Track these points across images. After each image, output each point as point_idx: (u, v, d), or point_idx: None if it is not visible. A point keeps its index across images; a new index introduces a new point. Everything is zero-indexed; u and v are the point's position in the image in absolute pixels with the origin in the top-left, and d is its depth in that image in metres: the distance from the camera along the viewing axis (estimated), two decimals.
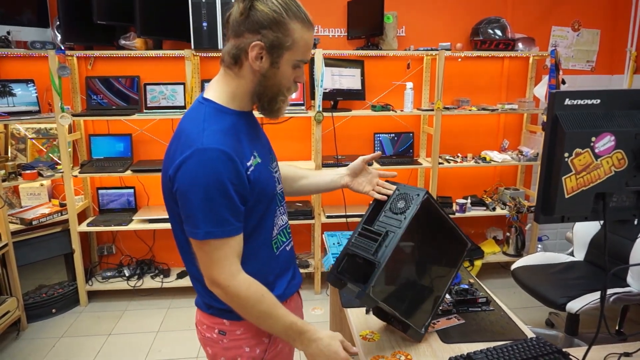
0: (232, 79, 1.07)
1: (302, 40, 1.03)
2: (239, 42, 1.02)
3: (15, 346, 2.64)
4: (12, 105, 2.87)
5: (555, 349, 1.34)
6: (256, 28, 0.99)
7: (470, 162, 3.29)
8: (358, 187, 1.41)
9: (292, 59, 1.04)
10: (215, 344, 1.16)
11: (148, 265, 3.31)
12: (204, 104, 1.06)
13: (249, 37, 1.00)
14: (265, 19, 0.98)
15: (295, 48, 1.03)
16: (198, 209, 0.97)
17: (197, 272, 1.11)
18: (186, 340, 2.70)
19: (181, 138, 1.01)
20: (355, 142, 3.39)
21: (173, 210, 1.07)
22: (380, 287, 1.21)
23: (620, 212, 1.04)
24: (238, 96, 1.07)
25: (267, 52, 1.01)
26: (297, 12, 1.02)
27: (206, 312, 1.16)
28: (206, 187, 0.96)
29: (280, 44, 1.01)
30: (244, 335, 1.14)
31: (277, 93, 1.08)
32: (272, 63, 1.03)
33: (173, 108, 3.08)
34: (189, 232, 1.01)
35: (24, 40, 2.85)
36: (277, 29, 0.99)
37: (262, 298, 1.05)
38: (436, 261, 1.42)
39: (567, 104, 0.97)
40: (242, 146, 1.04)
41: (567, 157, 0.97)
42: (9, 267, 2.68)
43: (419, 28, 3.28)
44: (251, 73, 1.04)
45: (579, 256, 2.61)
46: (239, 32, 1.02)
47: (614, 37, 3.49)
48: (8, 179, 2.77)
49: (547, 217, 1.02)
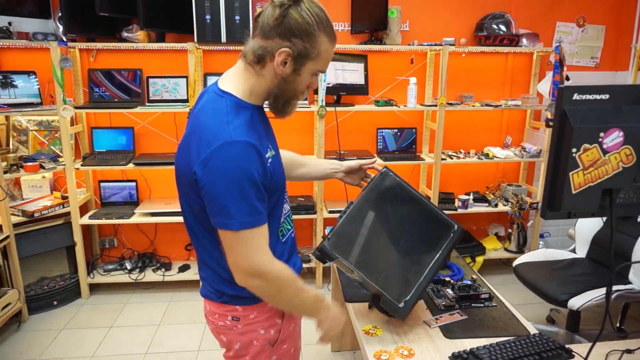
0: (252, 76, 1.09)
1: (326, 53, 1.08)
2: (267, 44, 1.05)
3: (17, 338, 2.64)
4: (13, 96, 2.86)
5: (557, 345, 1.34)
6: (287, 35, 1.03)
7: (473, 158, 3.28)
8: (349, 181, 1.61)
9: (313, 69, 1.09)
10: (229, 331, 1.20)
11: (150, 259, 3.31)
12: (223, 97, 1.08)
13: (278, 42, 1.04)
14: (297, 28, 1.02)
15: (318, 59, 1.08)
16: (231, 200, 1.00)
17: (212, 261, 1.17)
18: (188, 333, 2.70)
19: (203, 131, 1.03)
20: (358, 137, 3.38)
21: (192, 202, 1.10)
22: (341, 245, 1.35)
23: (627, 208, 1.03)
24: (255, 92, 1.11)
25: (292, 59, 1.05)
26: (327, 26, 1.06)
27: (217, 301, 1.19)
28: (238, 179, 0.99)
29: (307, 54, 1.05)
30: (258, 318, 1.19)
31: (292, 97, 1.13)
32: (294, 70, 1.07)
33: (175, 101, 3.07)
34: (221, 223, 1.03)
35: (25, 31, 2.84)
36: (307, 40, 1.04)
37: (295, 278, 1.12)
38: (411, 237, 1.47)
39: (575, 99, 0.97)
40: (261, 139, 1.08)
41: (574, 153, 0.96)
42: (11, 259, 2.68)
43: (423, 23, 3.26)
44: (272, 75, 1.08)
45: (581, 253, 2.60)
46: (269, 35, 1.04)
47: (618, 34, 3.47)
48: (10, 170, 2.77)
49: (553, 213, 1.02)
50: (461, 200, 3.26)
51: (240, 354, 1.22)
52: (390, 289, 1.38)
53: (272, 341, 1.21)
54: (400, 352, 1.35)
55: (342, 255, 1.33)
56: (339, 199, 3.34)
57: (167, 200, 3.24)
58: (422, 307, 1.60)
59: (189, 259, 3.47)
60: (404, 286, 1.40)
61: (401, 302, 1.38)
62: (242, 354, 1.21)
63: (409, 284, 1.41)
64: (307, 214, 3.14)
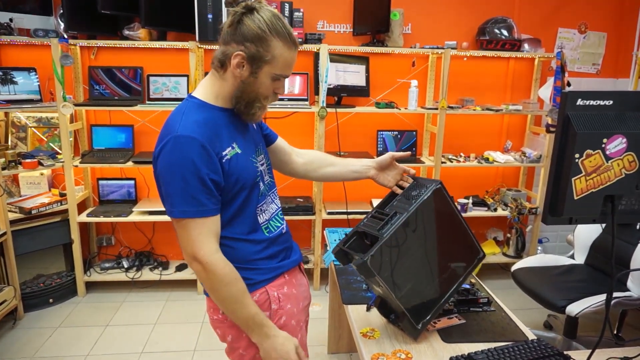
0: (216, 80, 1.19)
1: (281, 57, 1.14)
2: (226, 49, 1.14)
3: (12, 335, 2.63)
4: (13, 93, 2.85)
5: (556, 351, 1.34)
6: (241, 40, 1.11)
7: (472, 162, 3.27)
8: (383, 180, 1.50)
9: (270, 72, 1.15)
10: (221, 324, 1.27)
11: (147, 257, 3.30)
12: (188, 101, 1.19)
13: (234, 46, 1.12)
14: (249, 34, 1.10)
15: (274, 63, 1.13)
16: (173, 189, 1.09)
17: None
18: (184, 332, 2.69)
19: (163, 129, 1.14)
20: (358, 139, 3.38)
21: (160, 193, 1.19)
22: (380, 261, 1.26)
23: (629, 215, 1.03)
24: (221, 95, 1.19)
25: (247, 62, 1.12)
26: (281, 32, 1.12)
27: (208, 296, 1.26)
28: (180, 170, 1.07)
29: (260, 57, 1.12)
30: None
31: (254, 99, 1.18)
32: (251, 73, 1.14)
33: (176, 100, 3.06)
34: (168, 211, 1.13)
35: (26, 28, 2.83)
36: (259, 44, 1.11)
37: (235, 281, 1.15)
38: (444, 258, 1.41)
39: (579, 104, 0.96)
40: (219, 137, 1.14)
41: (577, 158, 0.95)
42: (7, 256, 2.67)
43: (425, 26, 3.26)
44: (232, 78, 1.16)
45: (580, 259, 2.60)
46: (226, 41, 1.14)
47: (620, 41, 3.48)
48: (8, 167, 2.75)
49: (555, 218, 1.01)
50: (460, 204, 3.26)
51: (234, 347, 1.27)
52: (413, 309, 1.35)
53: None
54: (397, 356, 1.34)
55: (378, 272, 1.26)
56: (338, 200, 3.33)
57: None
58: None
59: None
60: (425, 307, 1.37)
61: (419, 324, 1.36)
62: (236, 345, 1.27)
63: (430, 305, 1.38)
64: (305, 215, 3.13)
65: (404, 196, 1.41)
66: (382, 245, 1.26)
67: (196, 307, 2.98)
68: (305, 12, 3.01)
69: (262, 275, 1.25)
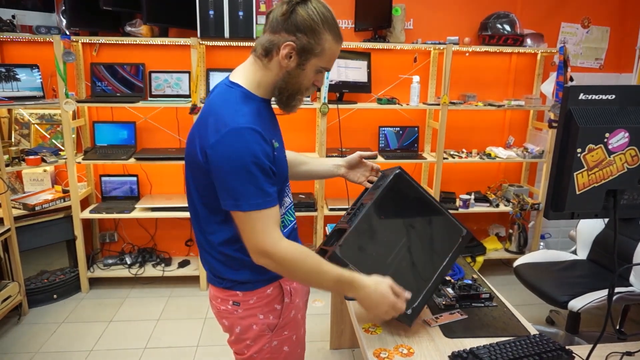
0: (259, 69, 1.15)
1: (330, 50, 1.13)
2: (275, 38, 1.11)
3: (17, 331, 2.65)
4: (16, 90, 2.85)
5: (558, 346, 1.34)
6: (293, 30, 1.09)
7: (475, 157, 3.27)
8: (353, 177, 1.58)
9: (317, 65, 1.14)
10: (230, 315, 1.25)
11: (150, 254, 3.31)
12: (232, 88, 1.15)
13: (284, 36, 1.10)
14: (302, 24, 1.08)
15: (322, 56, 1.13)
16: (239, 183, 1.05)
17: (209, 246, 1.21)
18: (187, 328, 2.70)
19: (211, 118, 1.09)
20: (360, 135, 3.38)
21: (198, 183, 1.15)
22: (352, 250, 1.31)
23: (631, 209, 1.02)
24: (262, 85, 1.16)
25: (296, 53, 1.11)
26: (332, 26, 1.12)
27: (219, 287, 1.24)
28: (245, 163, 1.04)
29: (311, 49, 1.11)
30: (257, 303, 1.23)
31: (296, 91, 1.17)
32: (298, 64, 1.12)
33: (178, 96, 3.07)
34: (231, 205, 1.08)
35: (29, 24, 2.84)
36: (311, 36, 1.09)
37: (307, 257, 1.13)
38: (420, 241, 1.44)
39: (581, 99, 0.96)
40: (268, 129, 1.13)
41: (579, 153, 0.95)
42: (11, 252, 2.69)
43: (427, 21, 3.25)
44: (278, 68, 1.14)
45: (582, 255, 2.60)
46: (276, 29, 1.11)
47: (623, 35, 3.46)
48: (11, 164, 2.77)
49: (557, 213, 1.01)
50: (462, 199, 3.26)
51: (241, 338, 1.26)
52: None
53: (272, 326, 1.26)
54: (399, 351, 1.34)
55: (352, 262, 1.30)
56: (340, 197, 3.33)
57: (168, 196, 3.23)
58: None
59: (189, 254, 3.47)
60: (412, 293, 1.38)
61: (409, 309, 1.37)
62: (243, 337, 1.26)
63: (417, 290, 1.39)
64: (307, 211, 3.14)
65: (372, 188, 1.48)
66: (349, 234, 1.30)
67: (199, 303, 3.00)
68: None
69: None
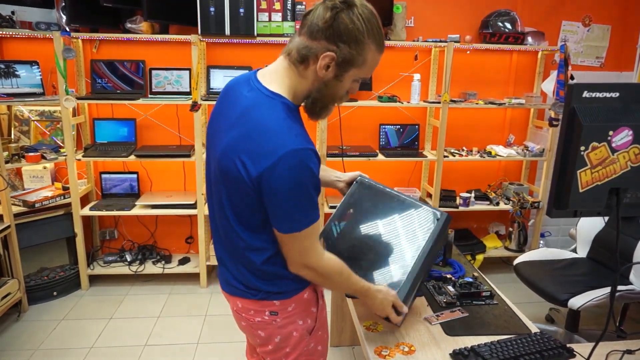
0: (295, 76, 1.08)
1: (372, 61, 1.06)
2: (313, 45, 1.03)
3: (16, 328, 2.65)
4: (16, 86, 2.84)
5: (559, 344, 1.34)
6: (334, 39, 1.00)
7: (475, 156, 3.27)
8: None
9: (356, 75, 1.07)
10: (268, 325, 1.20)
11: (150, 251, 3.31)
12: (274, 100, 1.05)
13: (324, 44, 1.01)
14: (346, 34, 0.99)
15: (363, 67, 1.05)
16: (298, 206, 1.03)
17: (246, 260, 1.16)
18: (187, 326, 2.70)
19: (260, 135, 1.00)
20: (360, 132, 3.37)
21: (236, 199, 1.09)
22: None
23: (633, 208, 1.02)
24: (297, 93, 1.10)
25: (336, 64, 1.03)
26: (377, 35, 1.03)
27: (252, 298, 1.19)
28: (305, 186, 1.01)
29: (352, 61, 1.03)
30: (296, 310, 1.21)
31: (330, 102, 1.12)
32: (336, 75, 1.05)
33: (178, 94, 3.06)
34: (286, 228, 1.06)
35: (28, 20, 2.82)
36: (354, 46, 1.01)
37: (342, 269, 1.19)
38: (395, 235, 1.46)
39: (585, 97, 0.96)
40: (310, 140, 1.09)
41: (583, 151, 0.95)
42: (11, 249, 2.68)
43: (428, 19, 3.24)
44: (313, 77, 1.07)
45: (582, 253, 2.60)
46: (316, 36, 1.02)
47: (624, 34, 3.46)
48: (11, 160, 2.76)
49: (560, 211, 1.01)
50: (463, 198, 3.26)
51: (281, 346, 1.23)
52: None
53: (310, 329, 1.25)
54: (400, 349, 1.34)
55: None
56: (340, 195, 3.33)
57: (168, 193, 3.23)
58: (423, 303, 1.60)
59: (189, 252, 3.46)
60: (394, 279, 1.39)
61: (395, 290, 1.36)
62: (283, 345, 1.23)
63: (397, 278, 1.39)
64: None
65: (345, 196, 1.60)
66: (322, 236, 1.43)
67: (199, 301, 3.00)
68: (307, 5, 2.99)
69: None
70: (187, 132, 3.23)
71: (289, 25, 2.92)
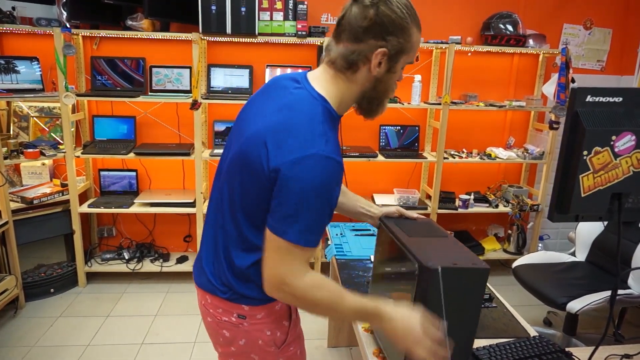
0: (343, 83, 1.04)
1: (417, 43, 1.03)
2: (360, 47, 0.98)
3: (13, 324, 2.64)
4: (15, 82, 2.83)
5: (558, 348, 1.34)
6: (382, 34, 0.97)
7: (475, 158, 3.27)
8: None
9: (405, 61, 1.04)
10: (234, 327, 1.15)
11: (148, 249, 3.30)
12: (317, 101, 1.01)
13: (372, 43, 0.98)
14: (391, 25, 0.97)
15: (411, 52, 1.03)
16: (304, 212, 0.94)
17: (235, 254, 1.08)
18: (184, 324, 2.70)
19: (296, 129, 0.96)
20: (360, 133, 3.37)
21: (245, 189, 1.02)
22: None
23: (635, 213, 1.02)
24: (344, 102, 1.06)
25: (388, 58, 1.00)
26: (416, 16, 1.01)
27: (222, 297, 1.13)
28: (318, 196, 0.93)
29: (402, 50, 1.00)
30: (265, 320, 1.14)
31: (385, 95, 1.08)
32: (389, 68, 1.02)
33: (178, 92, 3.05)
34: (279, 230, 0.96)
35: (29, 16, 2.81)
36: (401, 35, 0.98)
37: (327, 283, 1.02)
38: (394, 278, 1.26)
39: (588, 101, 0.95)
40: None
41: (585, 155, 0.95)
42: (9, 246, 2.67)
43: (430, 21, 3.24)
44: (365, 78, 1.03)
45: (581, 256, 2.60)
46: (361, 38, 0.98)
47: (625, 38, 3.46)
48: (10, 156, 2.75)
49: (561, 216, 1.01)
50: (462, 199, 3.25)
51: (246, 350, 1.16)
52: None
53: (279, 343, 1.17)
54: None
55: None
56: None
57: (167, 191, 3.22)
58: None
59: (187, 250, 3.46)
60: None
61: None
62: (248, 350, 1.16)
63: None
64: None
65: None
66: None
67: (197, 299, 2.98)
68: (309, 4, 2.98)
69: None
70: (186, 131, 3.22)
71: (290, 24, 2.91)
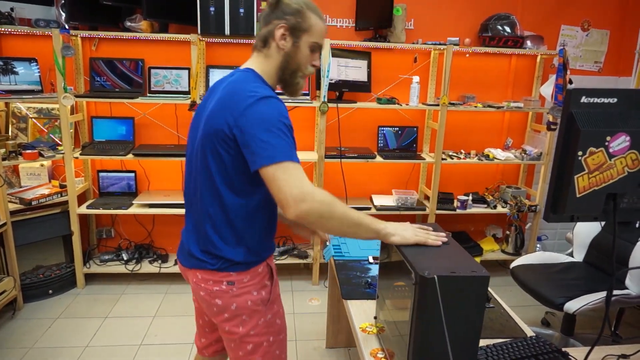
0: (262, 59, 1.32)
1: (317, 26, 1.31)
2: (268, 27, 1.30)
3: (11, 326, 2.64)
4: (14, 83, 2.84)
5: (554, 348, 1.34)
6: (281, 16, 1.28)
7: (473, 159, 3.28)
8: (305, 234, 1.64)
9: (309, 41, 1.30)
10: (224, 294, 1.31)
11: (146, 250, 3.30)
12: (248, 72, 1.28)
13: (275, 22, 1.28)
14: (289, 9, 1.28)
15: (311, 31, 1.30)
16: (273, 138, 1.13)
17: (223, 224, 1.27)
18: (183, 325, 2.70)
19: (237, 93, 1.19)
20: (359, 134, 3.37)
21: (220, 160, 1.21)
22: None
23: (630, 213, 1.03)
24: (268, 74, 1.32)
25: (289, 33, 1.28)
26: (313, 8, 1.31)
27: (212, 269, 1.30)
28: (276, 122, 1.15)
29: (300, 27, 1.29)
30: (251, 282, 1.32)
31: (297, 69, 1.32)
32: (293, 43, 1.29)
33: (177, 93, 3.06)
34: (267, 158, 1.12)
35: (27, 17, 2.81)
36: (298, 16, 1.28)
37: (336, 199, 1.19)
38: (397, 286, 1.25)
39: (583, 102, 0.96)
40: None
41: (580, 156, 0.95)
42: (7, 247, 2.67)
43: (428, 22, 3.25)
44: (277, 52, 1.30)
45: (579, 257, 2.61)
46: (267, 21, 1.30)
47: (622, 39, 3.47)
48: (8, 157, 2.75)
49: (557, 216, 1.01)
50: (460, 200, 3.26)
51: (237, 314, 1.32)
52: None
53: (265, 301, 1.35)
54: None
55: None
56: (338, 196, 3.33)
57: (166, 192, 3.22)
58: None
59: None
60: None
61: None
62: (239, 313, 1.32)
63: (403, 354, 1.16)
64: None
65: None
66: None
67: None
68: None
69: (267, 251, 1.38)
70: (185, 132, 3.23)
71: None
